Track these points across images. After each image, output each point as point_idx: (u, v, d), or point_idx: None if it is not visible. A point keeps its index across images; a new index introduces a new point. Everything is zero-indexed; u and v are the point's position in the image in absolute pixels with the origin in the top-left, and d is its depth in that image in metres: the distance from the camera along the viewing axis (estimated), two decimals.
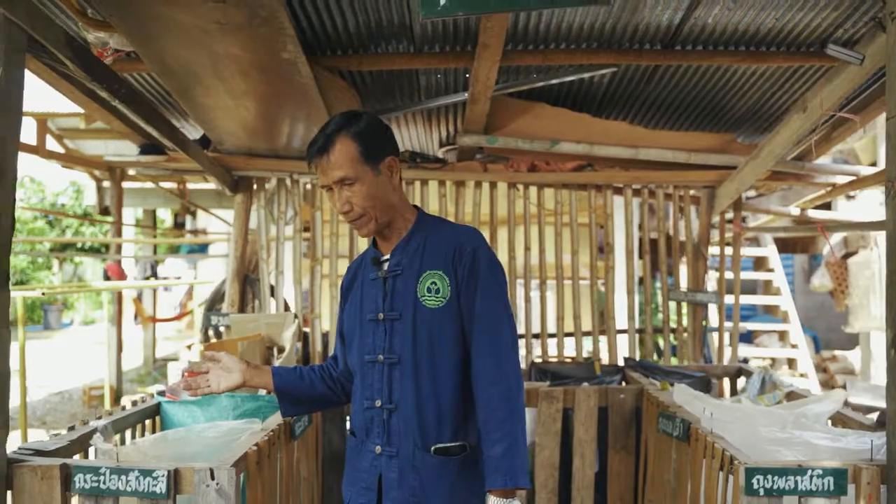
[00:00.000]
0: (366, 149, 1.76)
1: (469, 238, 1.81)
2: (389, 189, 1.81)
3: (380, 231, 1.85)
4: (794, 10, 2.60)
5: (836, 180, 3.97)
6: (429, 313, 1.77)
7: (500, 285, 1.80)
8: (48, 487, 2.03)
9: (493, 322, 1.76)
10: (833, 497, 2.03)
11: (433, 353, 1.78)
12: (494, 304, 1.77)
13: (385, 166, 1.79)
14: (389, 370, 1.82)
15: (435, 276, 1.78)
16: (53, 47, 2.21)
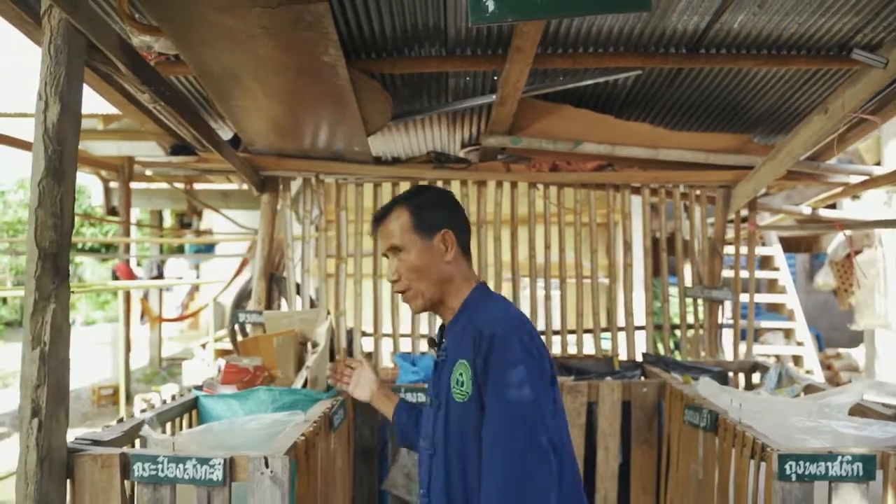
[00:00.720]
0: (419, 219, 1.75)
1: (490, 323, 1.62)
2: (440, 262, 1.74)
3: (432, 308, 1.79)
4: (817, 16, 2.70)
5: (849, 180, 4.07)
6: (457, 407, 1.65)
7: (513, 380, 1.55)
8: (108, 476, 2.12)
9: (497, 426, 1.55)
10: (862, 482, 2.12)
11: (463, 451, 1.64)
12: (502, 404, 1.55)
13: (438, 240, 1.74)
14: (430, 461, 1.75)
15: (462, 367, 1.65)
16: (109, 51, 2.30)
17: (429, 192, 1.86)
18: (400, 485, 3.35)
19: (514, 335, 1.59)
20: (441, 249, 1.75)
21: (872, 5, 2.59)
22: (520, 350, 1.57)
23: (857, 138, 3.63)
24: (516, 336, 1.59)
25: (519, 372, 1.56)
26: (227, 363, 3.15)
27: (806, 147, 3.14)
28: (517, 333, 1.60)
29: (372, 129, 3.34)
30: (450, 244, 1.76)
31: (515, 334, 1.59)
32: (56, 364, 2.05)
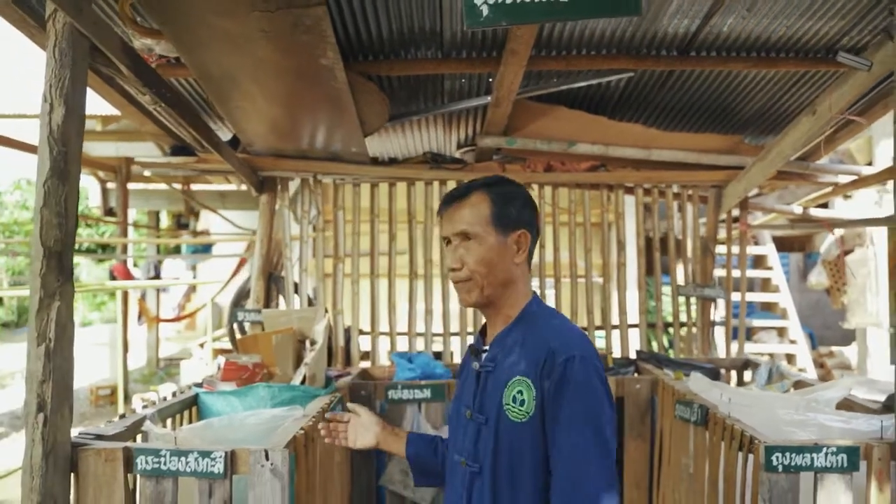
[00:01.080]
0: (500, 211, 1.62)
1: (564, 345, 1.51)
2: (510, 263, 1.63)
3: (484, 306, 1.67)
4: (805, 19, 2.76)
5: (839, 180, 4.14)
6: (511, 426, 1.53)
7: (594, 410, 1.47)
8: (111, 469, 2.17)
9: (574, 458, 1.46)
10: (846, 473, 2.18)
11: (514, 472, 1.54)
12: (578, 437, 1.46)
13: (513, 239, 1.63)
14: (471, 479, 1.61)
15: (522, 385, 1.53)
16: (112, 54, 2.35)
17: (512, 185, 1.70)
18: (397, 480, 3.41)
19: (592, 364, 1.50)
20: (514, 249, 1.63)
21: (858, 9, 2.66)
22: (597, 382, 1.49)
23: (846, 139, 3.70)
24: (593, 365, 1.50)
25: (598, 407, 1.48)
26: (226, 360, 3.20)
27: (795, 147, 3.21)
28: (594, 362, 1.51)
29: (369, 130, 3.40)
30: (523, 246, 1.65)
31: (592, 363, 1.50)
32: (61, 361, 2.10)
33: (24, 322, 20.96)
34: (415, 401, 3.41)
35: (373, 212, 4.09)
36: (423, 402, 3.42)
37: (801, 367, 7.22)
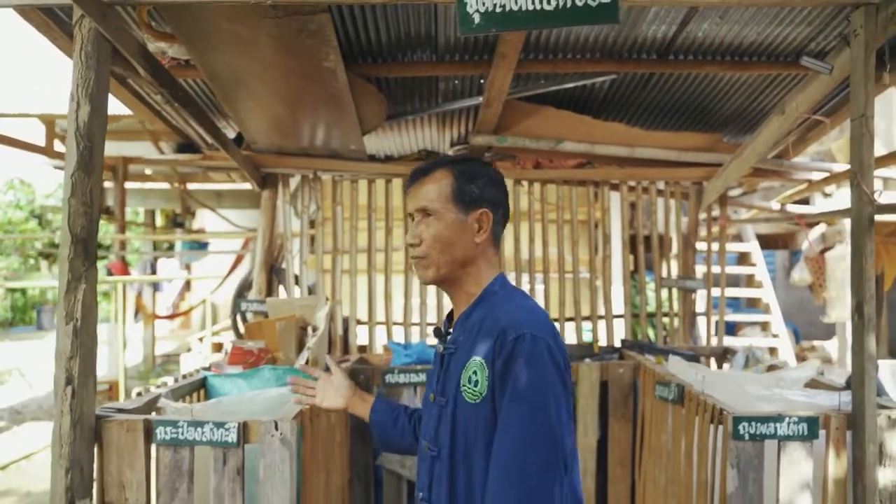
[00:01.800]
0: (460, 188, 1.60)
1: (515, 324, 1.47)
2: (469, 242, 1.60)
3: (442, 284, 1.65)
4: (773, 26, 2.98)
5: (812, 177, 4.36)
6: (466, 408, 1.51)
7: (541, 389, 1.42)
8: (132, 439, 2.35)
9: (513, 436, 1.41)
10: (807, 440, 2.39)
11: (469, 455, 1.51)
12: (518, 414, 1.42)
13: (474, 217, 1.60)
14: (431, 463, 1.60)
15: (477, 366, 1.50)
16: (131, 57, 2.54)
17: (478, 164, 1.67)
18: (394, 460, 3.60)
19: (542, 342, 1.45)
20: (474, 228, 1.60)
21: (822, 17, 2.87)
22: (546, 359, 1.44)
23: (817, 138, 3.91)
24: (544, 343, 1.45)
25: (542, 383, 1.43)
26: (233, 345, 3.39)
27: (768, 145, 3.42)
28: (545, 339, 1.46)
29: (368, 128, 3.59)
30: (485, 225, 1.61)
31: (543, 341, 1.45)
32: (86, 338, 2.28)
33: (18, 321, 21.04)
34: (410, 384, 3.60)
35: (370, 207, 4.29)
36: (419, 385, 3.61)
37: (783, 360, 7.44)
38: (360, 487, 3.63)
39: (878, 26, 2.33)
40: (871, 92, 2.37)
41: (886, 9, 2.28)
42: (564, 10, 2.29)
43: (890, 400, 2.61)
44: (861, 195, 2.38)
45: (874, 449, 2.34)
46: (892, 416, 2.38)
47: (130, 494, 2.34)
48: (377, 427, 2.02)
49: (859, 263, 2.39)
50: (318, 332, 3.36)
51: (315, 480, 2.78)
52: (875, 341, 2.44)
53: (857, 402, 2.38)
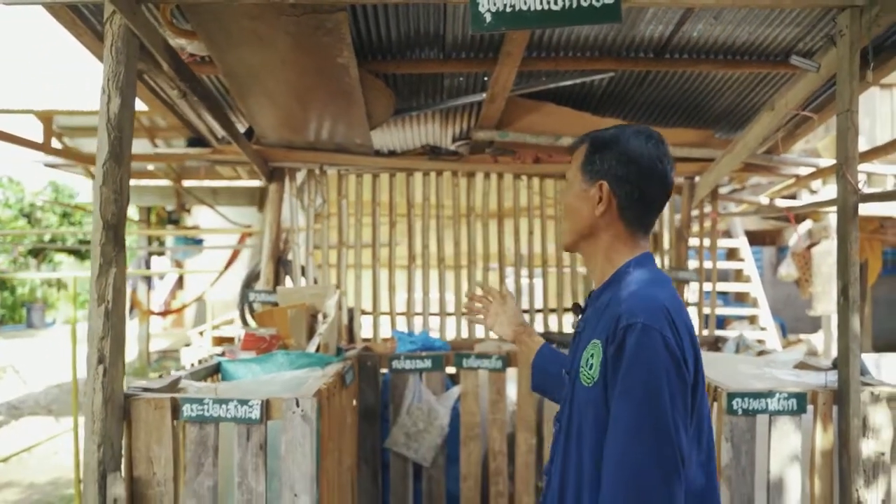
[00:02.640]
0: (588, 159, 1.58)
1: (629, 311, 1.41)
2: (589, 213, 1.57)
3: (586, 259, 1.65)
4: (764, 26, 3.14)
5: (800, 172, 4.53)
6: (582, 390, 1.48)
7: (649, 384, 1.35)
8: (160, 416, 2.47)
9: (623, 431, 1.36)
10: (796, 415, 2.55)
11: (581, 435, 1.48)
12: (630, 406, 1.36)
13: (595, 187, 1.56)
14: (556, 436, 1.61)
15: (595, 349, 1.46)
16: (157, 52, 2.66)
17: (619, 134, 1.58)
18: (401, 443, 3.74)
19: (657, 330, 1.38)
20: (594, 199, 1.56)
21: (810, 18, 3.04)
22: (659, 350, 1.37)
23: (805, 133, 4.09)
24: (658, 331, 1.38)
25: (652, 376, 1.36)
26: (246, 332, 3.52)
27: (758, 140, 3.58)
28: (660, 328, 1.38)
29: (375, 123, 3.73)
30: (603, 201, 1.55)
31: (658, 329, 1.38)
32: (116, 319, 2.40)
33: (8, 319, 20.98)
34: (416, 370, 3.74)
35: (374, 201, 4.42)
36: (424, 371, 3.75)
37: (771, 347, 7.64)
38: (368, 470, 3.77)
39: (862, 28, 2.49)
40: (856, 89, 2.53)
41: (870, 11, 2.44)
42: (570, 10, 2.44)
43: (872, 378, 2.78)
44: (846, 185, 2.54)
45: (858, 422, 2.50)
46: (874, 392, 2.55)
47: (158, 469, 2.47)
48: (537, 370, 1.98)
49: (845, 249, 2.55)
50: (329, 318, 3.49)
51: (331, 458, 2.91)
52: (859, 325, 2.60)
53: (843, 378, 2.54)
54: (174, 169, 9.20)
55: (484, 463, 3.81)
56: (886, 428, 2.52)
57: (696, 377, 1.44)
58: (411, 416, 3.72)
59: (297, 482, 2.48)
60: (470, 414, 3.72)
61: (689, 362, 1.41)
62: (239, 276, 10.79)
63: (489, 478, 3.77)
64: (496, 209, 4.50)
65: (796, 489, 2.56)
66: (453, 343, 4.27)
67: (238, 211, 11.17)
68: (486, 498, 3.79)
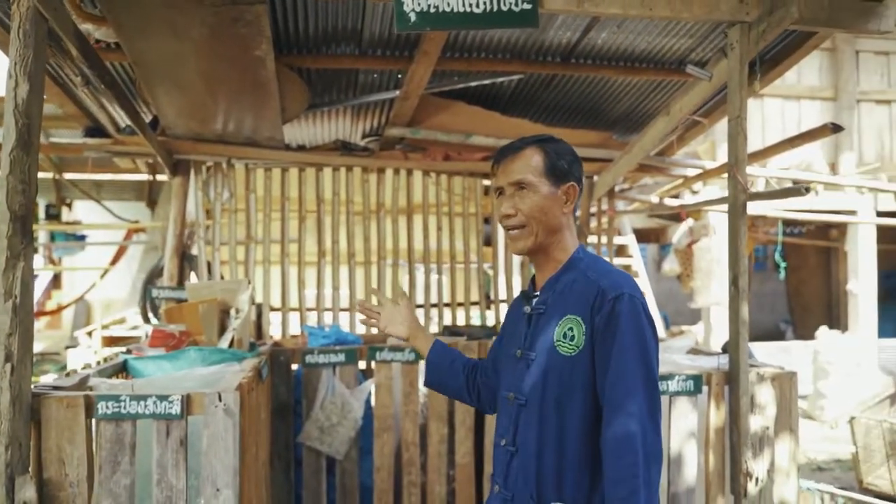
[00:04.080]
0: (552, 164, 1.76)
1: (613, 285, 1.66)
2: (559, 212, 1.77)
3: (534, 252, 1.80)
4: (661, 37, 3.38)
5: (688, 173, 4.88)
6: (561, 360, 1.67)
7: (641, 342, 1.62)
8: (73, 415, 2.38)
9: (625, 384, 1.60)
10: (692, 395, 2.78)
11: (561, 402, 1.67)
12: (629, 363, 1.60)
13: (563, 190, 1.76)
14: (518, 411, 1.76)
15: (573, 322, 1.67)
16: (65, 37, 2.55)
17: (562, 143, 1.83)
18: (314, 437, 3.74)
19: (639, 299, 1.65)
20: (563, 200, 1.77)
21: (703, 30, 3.30)
22: (643, 317, 1.64)
23: (694, 137, 4.41)
24: (641, 302, 1.65)
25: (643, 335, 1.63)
26: (154, 329, 3.41)
27: (654, 143, 3.84)
28: (640, 297, 1.66)
29: (289, 117, 3.71)
30: (571, 197, 1.78)
31: (639, 298, 1.66)
32: (24, 315, 2.29)
33: None
34: (330, 364, 3.75)
35: (283, 196, 4.39)
36: (338, 365, 3.76)
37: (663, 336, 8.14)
38: (281, 465, 3.75)
39: (750, 41, 2.74)
40: (745, 97, 2.79)
41: (757, 27, 2.70)
42: (491, 13, 2.56)
43: (757, 361, 3.06)
44: (736, 185, 2.79)
45: (747, 400, 2.75)
46: (760, 373, 2.82)
47: (71, 469, 2.37)
48: (432, 366, 2.10)
49: (735, 243, 2.80)
50: (242, 313, 3.44)
51: (250, 453, 2.89)
52: (747, 313, 2.86)
53: (734, 361, 2.79)
54: (54, 161, 8.68)
55: (397, 454, 3.87)
56: (771, 405, 2.79)
57: None
58: (325, 411, 3.73)
59: (220, 476, 2.45)
60: (383, 406, 3.77)
61: None
62: (124, 273, 10.34)
63: (402, 468, 3.84)
64: (406, 205, 4.58)
65: (693, 464, 2.79)
66: (364, 337, 4.30)
67: (124, 206, 10.67)
68: (399, 489, 3.86)
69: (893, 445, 4.94)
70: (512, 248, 1.82)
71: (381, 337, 4.35)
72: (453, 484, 3.97)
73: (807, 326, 11.20)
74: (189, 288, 3.63)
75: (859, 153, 8.53)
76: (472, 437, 3.92)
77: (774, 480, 2.79)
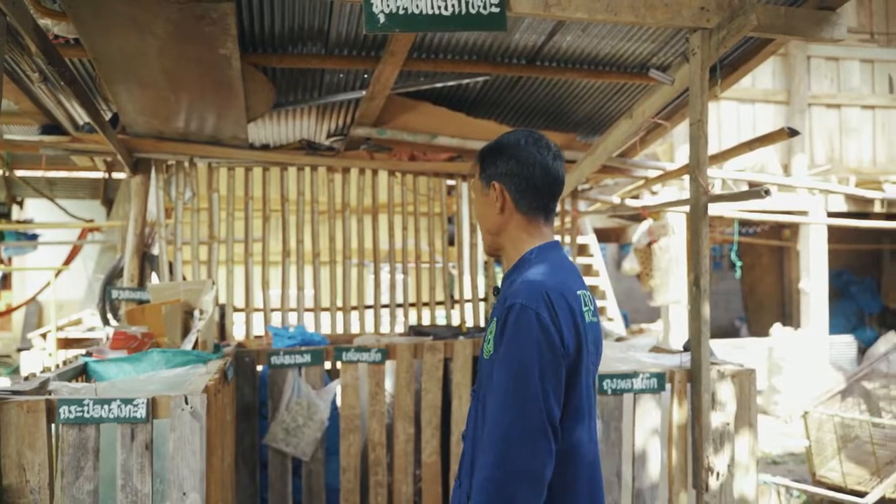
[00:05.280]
0: (481, 170, 1.80)
1: (514, 292, 1.64)
2: (493, 214, 1.76)
3: (494, 254, 1.85)
4: (624, 41, 3.44)
5: (649, 174, 4.97)
6: (486, 362, 1.70)
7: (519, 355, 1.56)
8: (34, 420, 2.33)
9: (495, 395, 1.59)
10: (656, 393, 2.84)
11: (485, 405, 1.68)
12: (504, 374, 1.58)
13: (490, 189, 1.76)
14: (474, 405, 1.80)
15: (493, 325, 1.68)
16: (25, 33, 2.49)
17: (500, 140, 1.81)
18: (280, 439, 3.71)
19: (530, 311, 1.58)
20: (493, 199, 1.75)
21: (664, 36, 3.37)
22: (533, 327, 1.56)
23: (655, 139, 4.50)
24: (532, 312, 1.58)
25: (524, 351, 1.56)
26: (115, 331, 3.35)
27: (617, 145, 3.90)
28: (534, 309, 1.58)
29: (253, 116, 3.67)
30: (498, 199, 1.74)
31: (531, 310, 1.58)
32: None
33: None
34: (296, 365, 3.73)
35: (247, 195, 4.34)
36: (304, 366, 3.74)
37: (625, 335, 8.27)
38: (246, 468, 3.72)
39: (711, 47, 2.81)
40: (706, 101, 2.85)
41: (718, 34, 2.76)
42: (460, 16, 2.57)
43: (718, 359, 3.14)
44: (698, 187, 2.86)
45: (708, 397, 2.82)
46: (721, 370, 2.89)
47: (32, 476, 2.32)
48: None
49: (697, 243, 2.86)
50: (206, 315, 3.40)
51: (216, 456, 2.86)
52: (708, 311, 2.93)
53: (695, 359, 2.85)
54: (4, 157, 8.42)
55: (363, 455, 3.87)
56: (731, 402, 2.87)
57: (580, 354, 1.65)
58: (290, 412, 3.71)
59: (186, 480, 2.43)
60: (350, 407, 3.77)
61: (568, 339, 1.61)
62: (79, 273, 10.09)
63: (369, 469, 3.84)
64: (371, 205, 4.57)
65: (657, 459, 2.85)
66: (329, 338, 4.29)
67: (79, 204, 10.41)
68: (366, 489, 3.86)
69: (844, 439, 5.11)
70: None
71: (346, 337, 4.34)
72: (419, 483, 3.98)
73: (761, 324, 11.50)
74: (151, 289, 3.57)
75: (811, 155, 8.79)
76: (438, 437, 3.95)
77: (734, 475, 2.87)
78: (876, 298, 11.37)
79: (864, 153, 9.03)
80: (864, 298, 11.28)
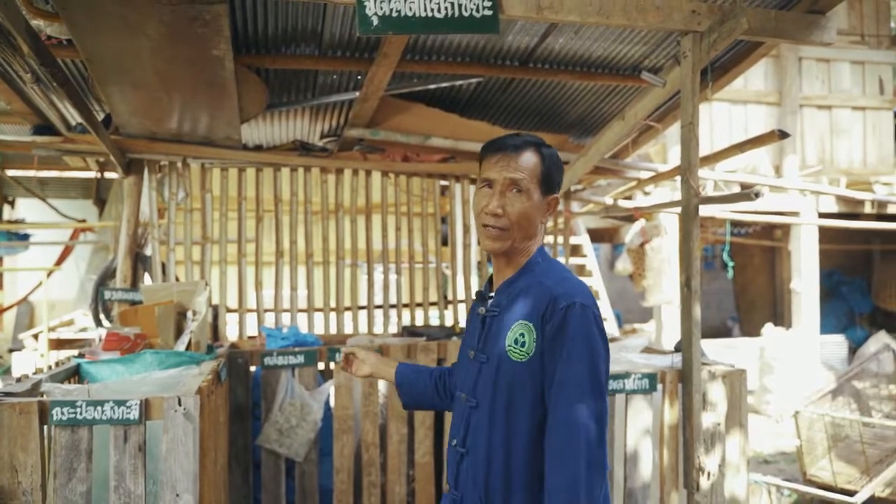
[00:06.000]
0: (547, 173, 1.76)
1: (566, 293, 1.66)
2: (539, 221, 1.77)
3: (505, 254, 1.78)
4: (617, 43, 3.46)
5: (641, 175, 4.99)
6: (512, 366, 1.68)
7: (590, 352, 1.62)
8: (26, 421, 2.32)
9: (571, 393, 1.60)
10: (648, 393, 2.86)
11: (511, 408, 1.68)
12: (576, 373, 1.60)
13: (548, 201, 1.78)
14: (469, 413, 1.77)
15: (524, 328, 1.67)
16: (17, 34, 2.49)
17: (556, 152, 1.84)
18: (273, 440, 3.71)
19: (591, 311, 1.65)
20: (545, 210, 1.78)
21: (656, 39, 3.39)
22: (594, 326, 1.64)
23: (647, 141, 4.52)
24: (592, 312, 1.65)
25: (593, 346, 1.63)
26: (108, 332, 3.35)
27: (609, 146, 3.92)
28: (592, 306, 1.66)
29: (247, 117, 3.67)
30: (551, 212, 1.80)
31: (591, 307, 1.66)
32: None
33: None
34: (289, 366, 3.73)
35: (240, 195, 4.34)
36: (297, 367, 3.75)
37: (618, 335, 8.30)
38: (239, 469, 3.71)
39: (702, 50, 2.83)
40: (697, 104, 2.87)
41: (709, 37, 2.79)
42: (453, 19, 2.58)
43: (709, 359, 3.16)
44: (689, 189, 2.88)
45: (699, 398, 2.84)
46: (712, 371, 2.91)
47: (24, 477, 2.32)
48: (402, 387, 2.13)
49: (688, 245, 2.88)
50: (199, 315, 3.40)
51: (210, 457, 2.86)
52: (699, 312, 2.95)
53: (686, 359, 2.88)
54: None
55: (356, 455, 3.88)
56: (722, 402, 2.89)
57: None
58: (284, 413, 3.72)
59: (179, 482, 2.43)
60: (343, 408, 3.77)
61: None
62: (71, 274, 10.05)
63: (362, 469, 3.85)
64: (364, 206, 4.57)
65: (648, 460, 2.87)
66: (323, 338, 4.29)
67: (71, 204, 10.38)
68: (359, 490, 3.86)
69: (835, 438, 5.15)
70: (485, 245, 1.78)
71: (340, 338, 4.34)
72: (413, 484, 3.99)
73: (752, 323, 11.56)
74: (144, 290, 3.57)
75: (802, 156, 8.84)
76: (431, 437, 3.95)
77: (725, 474, 2.89)
78: (866, 298, 11.44)
79: (854, 154, 9.09)
80: (854, 298, 11.34)
